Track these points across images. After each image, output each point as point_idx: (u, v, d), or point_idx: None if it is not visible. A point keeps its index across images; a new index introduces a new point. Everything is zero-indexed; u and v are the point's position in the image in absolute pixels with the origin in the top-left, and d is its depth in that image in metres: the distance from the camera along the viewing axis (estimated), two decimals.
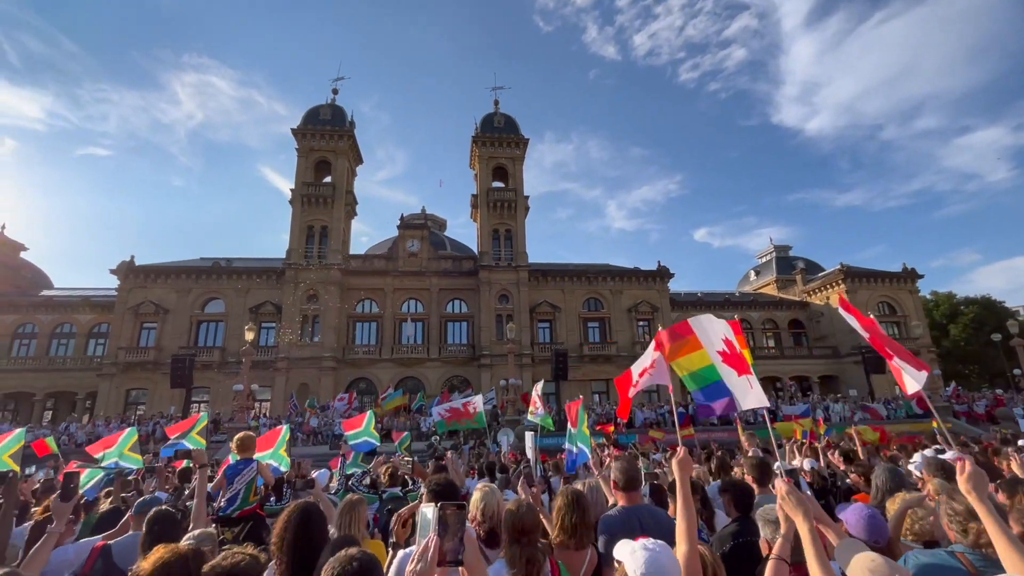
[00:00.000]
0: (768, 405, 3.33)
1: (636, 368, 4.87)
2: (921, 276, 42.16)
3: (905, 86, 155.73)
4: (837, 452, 7.37)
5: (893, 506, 3.06)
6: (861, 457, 7.27)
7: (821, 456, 6.73)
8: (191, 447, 8.76)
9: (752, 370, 3.39)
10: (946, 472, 4.54)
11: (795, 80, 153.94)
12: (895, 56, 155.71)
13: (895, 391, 36.56)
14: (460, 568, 1.49)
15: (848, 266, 41.95)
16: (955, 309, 50.02)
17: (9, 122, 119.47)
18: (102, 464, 8.19)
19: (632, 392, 4.86)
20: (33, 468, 14.46)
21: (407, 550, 2.67)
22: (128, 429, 8.34)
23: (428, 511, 1.51)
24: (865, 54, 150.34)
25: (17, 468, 6.30)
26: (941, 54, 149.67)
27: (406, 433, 12.34)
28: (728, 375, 3.32)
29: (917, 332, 34.83)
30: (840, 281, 41.14)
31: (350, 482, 6.87)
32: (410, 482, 6.33)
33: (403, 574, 2.44)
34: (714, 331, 3.52)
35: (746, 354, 3.40)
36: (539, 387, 9.33)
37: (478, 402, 12.13)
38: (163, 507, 3.29)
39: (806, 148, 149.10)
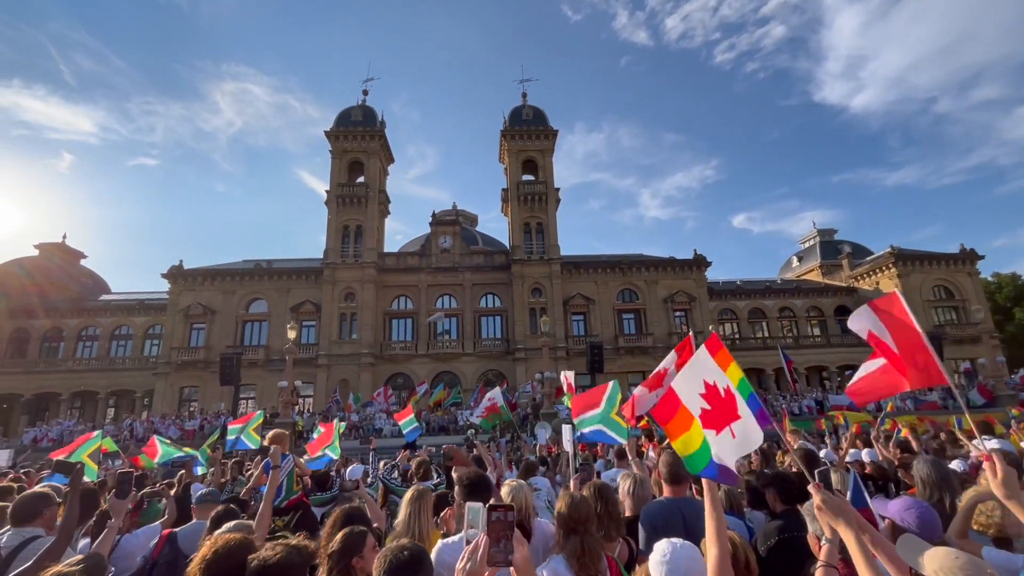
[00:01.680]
0: (758, 444, 2.47)
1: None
2: (981, 257, 39.54)
3: (961, 54, 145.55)
4: (892, 443, 7.01)
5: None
6: (915, 449, 6.88)
7: (879, 449, 6.40)
8: (251, 446, 9.19)
9: (739, 399, 2.49)
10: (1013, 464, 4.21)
11: (838, 55, 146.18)
12: (949, 22, 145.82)
13: (955, 379, 34.57)
14: (511, 568, 1.46)
15: (899, 248, 39.77)
16: (1021, 291, 46.78)
17: (66, 137, 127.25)
18: (156, 464, 8.93)
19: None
20: (119, 462, 15.63)
21: (446, 540, 2.71)
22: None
23: (477, 510, 1.49)
24: (915, 22, 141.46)
25: (95, 467, 6.84)
26: (1001, 17, 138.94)
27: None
28: (713, 442, 2.52)
29: (978, 317, 32.75)
30: (891, 264, 39.07)
31: (380, 474, 6.98)
32: (435, 475, 6.41)
33: (443, 562, 2.47)
34: (694, 382, 2.66)
35: (732, 372, 2.57)
36: (570, 375, 8.77)
37: (496, 396, 12.27)
38: (230, 505, 3.46)
39: (852, 126, 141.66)
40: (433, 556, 2.61)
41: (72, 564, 2.26)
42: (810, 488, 1.95)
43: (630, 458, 5.33)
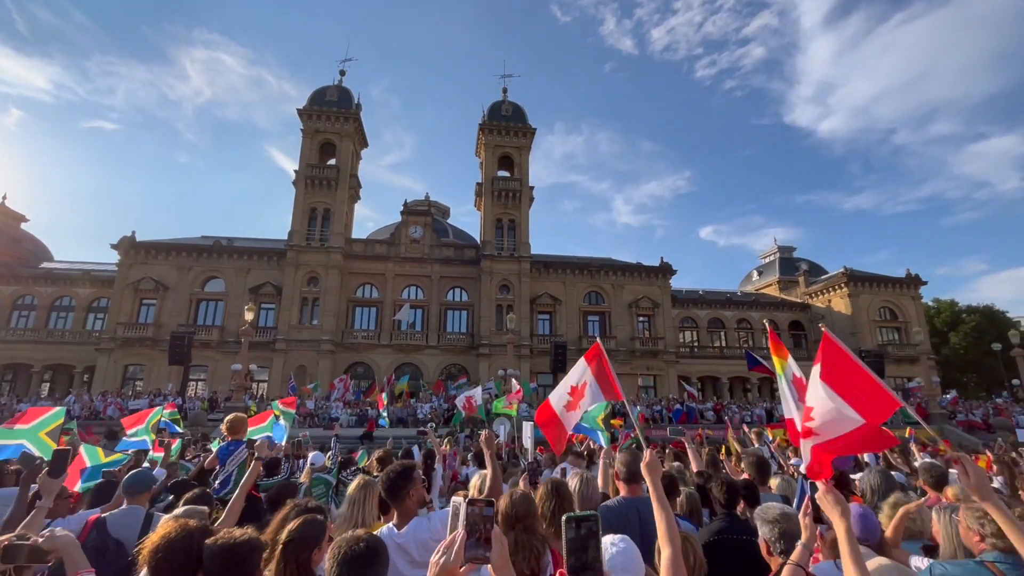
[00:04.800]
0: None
1: (558, 399, 4.52)
2: (924, 283, 41.99)
3: (922, 90, 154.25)
4: None
5: (890, 509, 3.11)
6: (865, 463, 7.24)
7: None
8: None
9: None
10: (942, 478, 4.50)
11: (810, 80, 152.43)
12: (913, 59, 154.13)
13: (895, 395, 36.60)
14: (488, 566, 1.42)
15: (851, 269, 41.76)
16: (957, 317, 49.94)
17: (15, 92, 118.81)
18: (130, 438, 8.20)
19: (571, 427, 4.52)
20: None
21: (419, 518, 2.69)
22: (156, 408, 8.40)
23: (458, 504, 1.47)
24: (883, 56, 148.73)
25: (54, 445, 6.17)
26: (961, 58, 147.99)
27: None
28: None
29: (917, 338, 34.79)
30: (843, 284, 41.00)
31: (343, 474, 6.88)
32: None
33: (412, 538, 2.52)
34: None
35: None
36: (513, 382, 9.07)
37: (476, 395, 12.24)
38: (202, 490, 3.30)
39: (818, 149, 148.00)
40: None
41: None
42: (819, 483, 2.11)
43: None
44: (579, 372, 4.35)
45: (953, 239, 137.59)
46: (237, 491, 3.47)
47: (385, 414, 11.51)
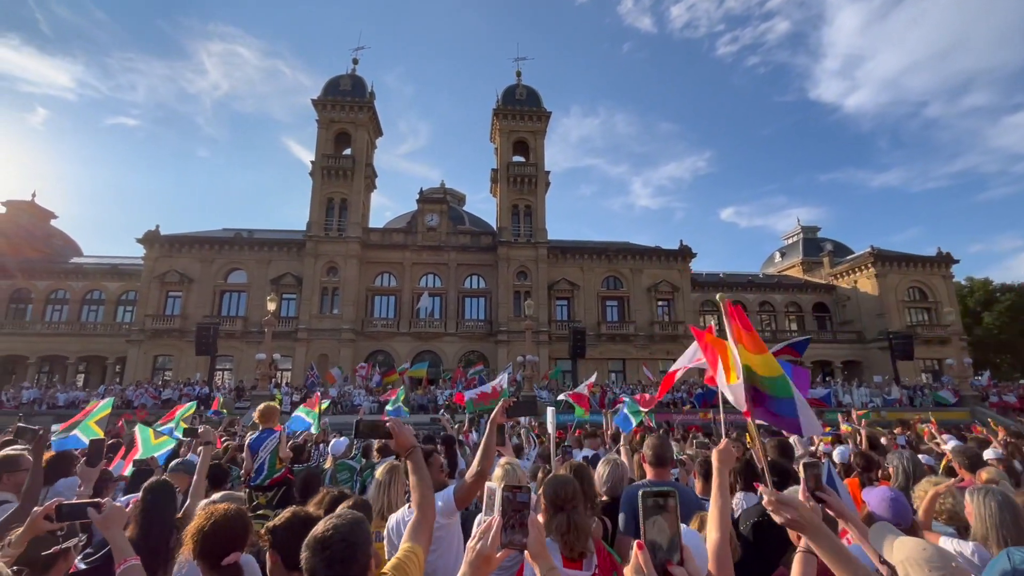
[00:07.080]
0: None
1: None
2: (956, 261, 40.49)
3: (955, 60, 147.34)
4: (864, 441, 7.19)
5: (920, 491, 3.12)
6: (883, 444, 7.13)
7: (852, 442, 6.57)
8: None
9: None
10: (976, 460, 4.39)
11: (837, 53, 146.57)
12: (945, 28, 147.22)
13: (921, 379, 35.66)
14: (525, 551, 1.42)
15: (878, 249, 40.49)
16: (990, 296, 48.18)
17: (41, 91, 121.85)
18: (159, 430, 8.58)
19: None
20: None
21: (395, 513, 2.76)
22: (187, 403, 8.86)
23: (492, 489, 1.46)
24: (914, 25, 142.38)
25: (102, 433, 6.65)
26: (996, 25, 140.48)
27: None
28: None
29: (949, 319, 33.63)
30: (870, 264, 39.81)
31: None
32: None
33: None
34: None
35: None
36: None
37: (503, 380, 12.38)
38: (161, 478, 3.38)
39: (844, 125, 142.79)
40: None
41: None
42: (762, 491, 1.71)
43: (616, 443, 5.36)
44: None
45: (988, 215, 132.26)
46: (196, 476, 3.58)
47: (391, 407, 11.75)
